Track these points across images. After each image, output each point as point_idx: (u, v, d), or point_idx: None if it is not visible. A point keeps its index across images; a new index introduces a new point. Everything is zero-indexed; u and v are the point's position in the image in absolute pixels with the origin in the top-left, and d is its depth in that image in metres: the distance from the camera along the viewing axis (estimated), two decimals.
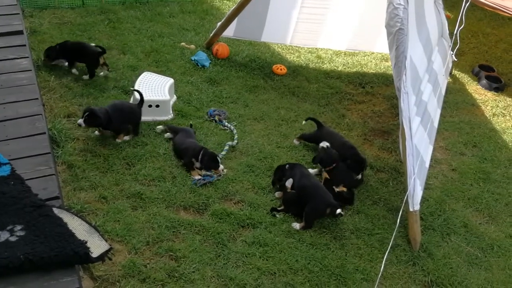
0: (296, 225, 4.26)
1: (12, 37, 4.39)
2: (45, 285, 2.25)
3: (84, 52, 5.74)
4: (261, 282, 3.72)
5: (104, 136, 4.90)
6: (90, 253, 2.36)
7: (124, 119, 4.89)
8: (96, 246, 2.42)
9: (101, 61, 5.79)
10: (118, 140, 4.84)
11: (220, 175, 4.65)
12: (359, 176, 4.77)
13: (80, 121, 4.64)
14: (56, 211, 2.54)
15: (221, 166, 4.68)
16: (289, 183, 4.44)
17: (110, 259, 2.52)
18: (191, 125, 5.20)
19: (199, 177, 4.59)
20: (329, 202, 4.27)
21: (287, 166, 4.60)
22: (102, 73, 5.84)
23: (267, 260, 3.92)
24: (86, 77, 5.74)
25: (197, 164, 4.65)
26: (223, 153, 4.95)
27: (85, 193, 4.25)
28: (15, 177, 2.75)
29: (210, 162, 4.64)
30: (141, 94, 5.04)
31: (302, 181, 4.43)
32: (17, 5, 5.01)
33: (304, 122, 5.45)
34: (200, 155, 4.65)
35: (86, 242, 2.38)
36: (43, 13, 7.00)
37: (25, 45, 4.33)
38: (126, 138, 4.90)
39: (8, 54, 4.12)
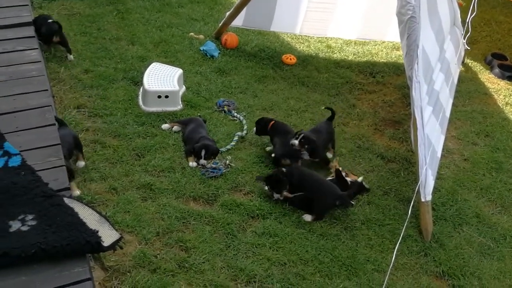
0: (307, 217, 4.24)
1: (21, 29, 4.39)
2: (56, 275, 2.25)
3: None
4: (271, 272, 3.71)
5: (113, 127, 4.90)
6: (101, 242, 2.36)
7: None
8: (107, 235, 2.42)
9: (55, 39, 5.62)
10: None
11: (228, 167, 4.64)
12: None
13: None
14: (67, 200, 2.54)
15: (202, 161, 4.58)
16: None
17: (121, 248, 2.52)
18: (199, 116, 5.19)
19: (194, 163, 4.60)
20: (337, 195, 4.25)
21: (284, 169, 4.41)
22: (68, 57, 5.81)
23: (277, 250, 3.91)
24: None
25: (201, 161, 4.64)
26: (233, 143, 4.93)
27: (95, 184, 4.25)
28: (26, 167, 2.76)
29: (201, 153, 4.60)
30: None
31: (305, 180, 4.38)
32: None
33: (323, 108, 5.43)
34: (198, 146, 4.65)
35: (97, 232, 2.38)
36: (52, 4, 6.99)
37: (34, 37, 4.34)
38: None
39: (17, 46, 4.12)
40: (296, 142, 4.57)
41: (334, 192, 4.26)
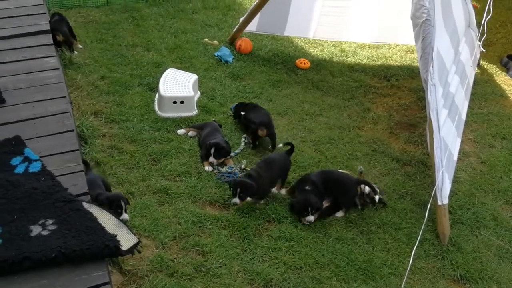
0: (340, 213, 4.31)
1: (40, 37, 4.48)
2: (76, 279, 2.29)
3: None
4: (287, 276, 3.71)
5: (130, 133, 4.96)
6: (120, 246, 2.39)
7: None
8: (125, 239, 2.45)
9: (58, 38, 5.70)
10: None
11: (243, 171, 4.66)
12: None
13: None
14: (86, 205, 2.58)
15: (211, 159, 4.65)
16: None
17: (139, 252, 2.55)
18: (214, 121, 5.22)
19: (210, 168, 4.64)
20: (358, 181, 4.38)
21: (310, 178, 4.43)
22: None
23: (293, 254, 3.91)
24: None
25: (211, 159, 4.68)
26: (241, 148, 4.99)
27: (113, 189, 4.28)
28: (46, 173, 2.81)
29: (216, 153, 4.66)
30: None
31: (329, 182, 4.41)
32: (44, 4, 5.11)
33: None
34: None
35: (116, 236, 2.41)
36: (69, 12, 7.11)
37: (52, 44, 4.41)
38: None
39: (36, 53, 4.20)
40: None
41: (354, 182, 4.37)
